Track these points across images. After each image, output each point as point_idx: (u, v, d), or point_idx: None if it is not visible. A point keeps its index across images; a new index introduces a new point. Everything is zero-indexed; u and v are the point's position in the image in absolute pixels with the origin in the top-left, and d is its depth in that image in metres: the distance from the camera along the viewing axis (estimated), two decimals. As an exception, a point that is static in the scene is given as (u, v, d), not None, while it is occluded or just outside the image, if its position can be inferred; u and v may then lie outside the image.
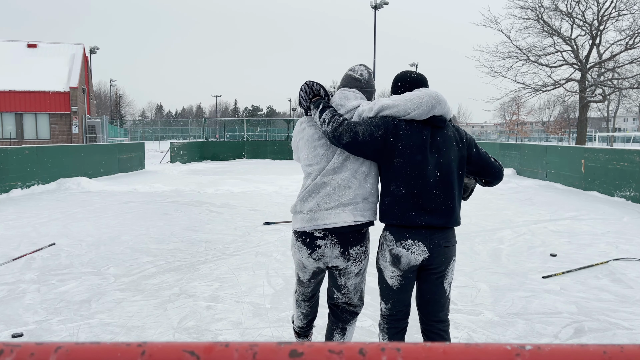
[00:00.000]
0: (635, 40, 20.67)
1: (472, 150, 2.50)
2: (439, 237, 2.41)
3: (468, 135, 2.52)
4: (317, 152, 2.54)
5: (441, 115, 2.42)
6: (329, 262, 2.58)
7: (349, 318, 2.79)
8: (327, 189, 2.48)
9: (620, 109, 52.86)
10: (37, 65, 27.23)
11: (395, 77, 2.63)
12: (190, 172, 18.31)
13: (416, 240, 2.40)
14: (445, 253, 2.44)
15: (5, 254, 5.83)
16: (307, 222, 2.50)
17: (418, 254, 2.41)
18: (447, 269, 2.48)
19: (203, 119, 37.71)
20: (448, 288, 2.54)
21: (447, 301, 2.56)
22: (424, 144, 2.37)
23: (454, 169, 2.42)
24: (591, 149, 12.40)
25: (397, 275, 2.48)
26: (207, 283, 4.79)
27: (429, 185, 2.38)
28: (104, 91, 79.17)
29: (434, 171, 2.39)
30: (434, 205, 2.38)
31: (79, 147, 15.38)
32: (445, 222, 2.41)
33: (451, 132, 2.46)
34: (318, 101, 2.59)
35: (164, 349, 0.54)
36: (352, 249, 2.55)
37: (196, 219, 8.23)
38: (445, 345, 0.56)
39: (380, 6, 29.72)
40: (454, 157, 2.42)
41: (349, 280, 2.66)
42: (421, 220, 2.38)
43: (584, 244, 6.46)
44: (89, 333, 3.63)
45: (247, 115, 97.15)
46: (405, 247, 2.41)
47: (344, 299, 2.73)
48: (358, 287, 2.72)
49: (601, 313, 4.04)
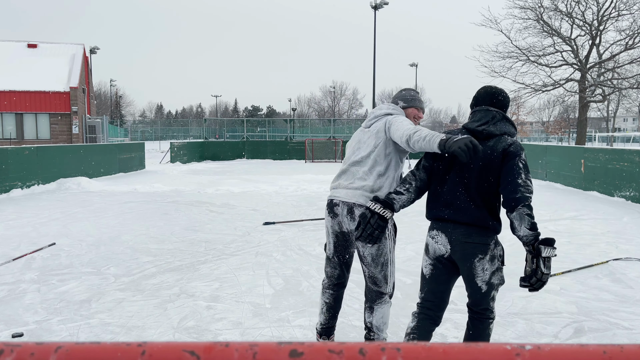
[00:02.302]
0: (635, 40, 20.68)
1: (507, 159, 2.55)
2: (459, 232, 2.60)
3: (511, 147, 2.56)
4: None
5: (483, 129, 2.61)
6: (343, 224, 2.99)
7: (375, 297, 2.98)
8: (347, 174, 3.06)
9: (620, 109, 52.87)
10: (38, 65, 27.23)
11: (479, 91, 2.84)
12: (191, 172, 18.31)
13: (440, 231, 2.67)
14: (465, 248, 2.59)
15: (5, 254, 5.83)
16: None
17: (441, 244, 2.67)
18: (472, 267, 2.59)
19: (203, 119, 37.71)
20: (484, 286, 2.62)
21: (482, 297, 2.66)
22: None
23: (483, 175, 2.56)
24: (591, 149, 12.40)
25: (429, 263, 2.75)
26: (207, 283, 4.79)
27: (456, 186, 2.61)
28: (104, 91, 79.21)
29: (464, 174, 2.60)
30: (458, 202, 2.60)
31: (79, 147, 15.38)
32: (466, 218, 2.58)
33: (492, 143, 2.59)
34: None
35: (164, 349, 0.54)
36: (357, 209, 2.91)
37: (196, 219, 8.24)
38: (445, 345, 0.56)
39: (380, 6, 29.73)
40: (486, 165, 2.55)
41: (366, 250, 2.92)
42: (445, 214, 2.64)
43: (584, 244, 6.46)
44: (89, 333, 3.63)
45: (247, 115, 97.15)
46: (431, 237, 2.72)
47: (368, 272, 2.97)
48: (377, 261, 2.93)
49: (601, 313, 4.05)
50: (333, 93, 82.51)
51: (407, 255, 5.89)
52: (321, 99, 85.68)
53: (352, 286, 4.70)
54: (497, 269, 2.65)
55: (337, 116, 76.96)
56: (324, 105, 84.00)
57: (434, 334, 3.04)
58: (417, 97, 3.15)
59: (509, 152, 2.54)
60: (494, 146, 2.56)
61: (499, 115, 2.66)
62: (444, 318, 3.94)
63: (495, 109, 2.68)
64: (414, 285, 4.75)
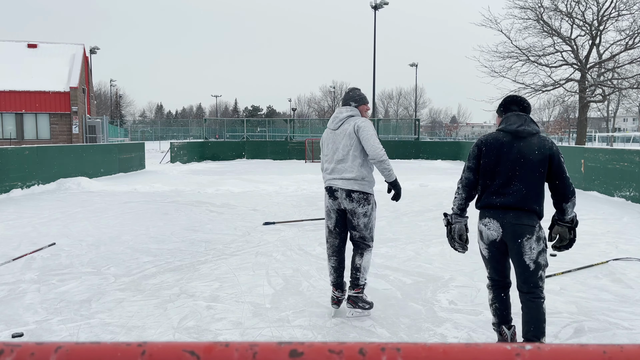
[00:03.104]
0: (635, 40, 20.67)
1: (554, 158, 3.07)
2: (510, 216, 3.05)
3: (554, 147, 3.10)
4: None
5: (523, 129, 3.11)
6: (342, 203, 3.92)
7: (364, 247, 3.99)
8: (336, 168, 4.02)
9: (620, 109, 52.88)
10: (38, 65, 27.23)
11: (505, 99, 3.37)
12: (191, 172, 18.31)
13: (492, 218, 3.11)
14: (515, 230, 3.02)
15: (5, 254, 5.83)
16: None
17: (493, 230, 3.10)
18: (521, 245, 3.02)
19: (203, 119, 37.70)
20: (531, 264, 3.03)
21: (530, 275, 3.03)
22: (501, 149, 3.11)
23: (529, 167, 3.04)
24: (591, 149, 12.40)
25: (485, 247, 3.22)
26: (207, 283, 4.79)
27: (508, 178, 3.07)
28: (104, 91, 79.22)
29: (515, 167, 3.06)
30: (510, 191, 3.06)
31: (79, 147, 15.39)
32: (516, 204, 3.03)
33: (535, 140, 3.09)
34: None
35: (164, 349, 0.54)
36: (353, 193, 3.87)
37: (196, 219, 8.24)
38: (445, 345, 0.56)
39: (380, 6, 29.75)
40: (532, 158, 3.04)
41: (359, 220, 3.89)
42: (497, 201, 3.09)
43: (584, 244, 6.46)
44: (89, 333, 3.63)
45: (247, 115, 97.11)
46: (484, 224, 3.16)
47: (358, 235, 3.95)
48: (367, 225, 3.92)
49: (601, 313, 4.05)
50: (333, 93, 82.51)
51: (407, 255, 5.89)
52: (321, 99, 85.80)
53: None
54: (543, 250, 3.06)
55: (337, 116, 76.73)
56: (324, 105, 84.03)
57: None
58: (363, 95, 4.12)
59: (554, 151, 3.07)
60: (539, 144, 3.07)
61: (529, 118, 3.18)
62: (444, 318, 3.95)
63: (524, 113, 3.21)
64: (413, 285, 4.76)
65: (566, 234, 3.21)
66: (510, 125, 3.15)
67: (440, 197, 10.99)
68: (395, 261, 5.61)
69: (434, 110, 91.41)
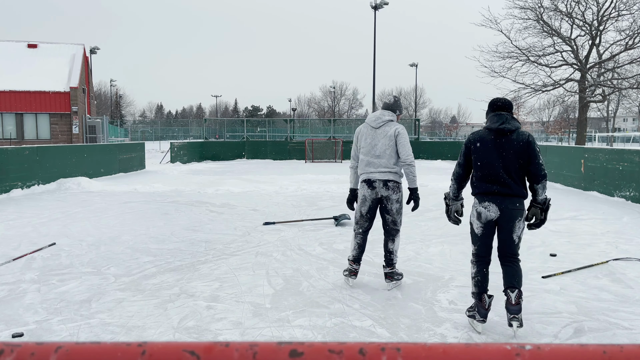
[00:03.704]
0: (635, 40, 20.68)
1: (529, 147, 3.62)
2: (509, 202, 3.64)
3: (530, 138, 3.65)
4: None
5: (504, 127, 3.64)
6: (379, 192, 4.63)
7: (394, 233, 4.73)
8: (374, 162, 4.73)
9: (620, 109, 52.90)
10: (38, 65, 27.23)
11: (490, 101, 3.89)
12: (191, 172, 18.32)
13: (491, 202, 3.67)
14: (512, 213, 3.64)
15: (5, 254, 5.83)
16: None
17: (492, 212, 3.68)
18: (513, 225, 3.66)
19: (203, 119, 37.68)
20: (516, 239, 3.70)
21: (515, 245, 3.71)
22: (486, 145, 3.69)
23: (513, 159, 3.61)
24: (591, 149, 12.40)
25: (480, 226, 3.76)
26: (207, 283, 4.79)
27: (497, 168, 3.63)
28: (104, 91, 79.22)
29: (502, 159, 3.63)
30: (502, 180, 3.62)
31: (79, 147, 15.38)
32: (511, 191, 3.62)
33: (514, 136, 3.65)
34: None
35: (164, 349, 0.54)
36: (389, 182, 4.62)
37: (196, 219, 8.24)
38: (445, 345, 0.56)
39: (380, 6, 29.74)
40: (513, 151, 3.61)
41: (392, 205, 4.64)
42: (494, 188, 3.65)
43: (584, 244, 6.46)
44: (89, 333, 3.63)
45: (247, 115, 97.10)
46: (483, 207, 3.71)
47: (391, 219, 4.69)
48: (398, 210, 4.68)
49: (601, 313, 4.05)
50: (333, 93, 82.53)
51: (407, 255, 5.89)
52: (321, 99, 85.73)
53: (353, 287, 4.71)
54: (524, 227, 3.74)
55: (337, 116, 77.00)
56: (324, 105, 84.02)
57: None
58: (402, 106, 5.05)
59: (530, 142, 3.63)
60: (518, 138, 3.63)
61: (509, 116, 3.70)
62: (444, 318, 3.96)
63: (505, 112, 3.72)
64: (413, 285, 4.76)
65: (538, 214, 3.75)
66: (493, 124, 3.70)
67: (440, 197, 10.98)
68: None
69: (434, 110, 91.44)
